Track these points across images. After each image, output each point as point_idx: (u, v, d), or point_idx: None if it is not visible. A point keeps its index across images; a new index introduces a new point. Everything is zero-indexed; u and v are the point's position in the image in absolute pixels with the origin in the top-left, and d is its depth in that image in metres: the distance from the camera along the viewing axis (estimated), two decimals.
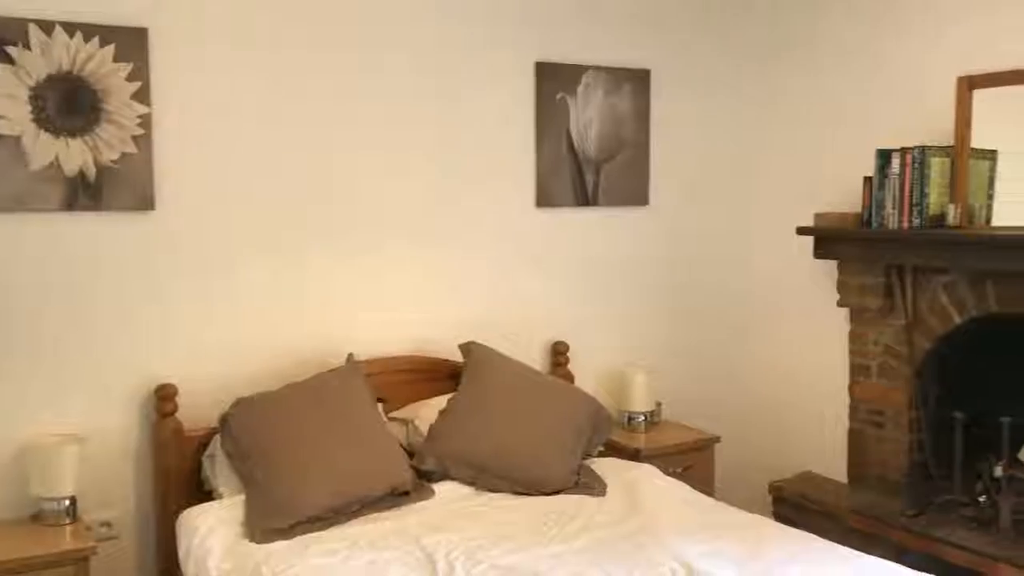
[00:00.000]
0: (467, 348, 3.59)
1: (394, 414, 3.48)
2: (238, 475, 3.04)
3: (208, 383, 3.27)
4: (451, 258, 3.78)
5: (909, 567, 2.63)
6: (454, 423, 3.35)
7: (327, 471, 2.99)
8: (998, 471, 3.55)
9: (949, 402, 3.66)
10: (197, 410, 3.22)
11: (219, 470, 3.10)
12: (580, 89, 3.95)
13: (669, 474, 3.48)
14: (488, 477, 3.25)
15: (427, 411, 3.46)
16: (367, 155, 3.57)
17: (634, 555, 2.66)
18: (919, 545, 3.39)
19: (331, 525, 2.89)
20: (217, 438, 3.14)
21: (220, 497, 3.05)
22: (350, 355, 3.41)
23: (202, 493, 3.14)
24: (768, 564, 2.59)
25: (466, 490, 3.22)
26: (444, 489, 3.20)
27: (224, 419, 3.10)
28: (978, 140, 3.48)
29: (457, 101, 3.72)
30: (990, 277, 3.43)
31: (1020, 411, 3.45)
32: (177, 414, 3.19)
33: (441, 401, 3.47)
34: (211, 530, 2.84)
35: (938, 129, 3.55)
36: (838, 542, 2.84)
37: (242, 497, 2.98)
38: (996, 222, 3.44)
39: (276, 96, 3.38)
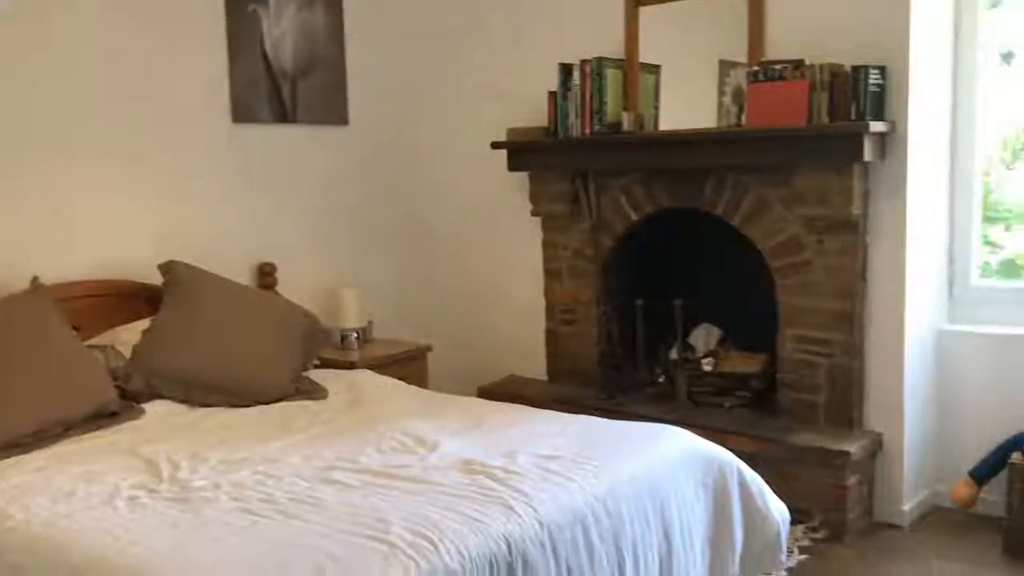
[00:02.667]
0: (168, 267, 3.41)
1: (90, 341, 3.23)
2: None
3: None
4: (145, 177, 3.57)
5: None
6: (160, 341, 3.18)
7: (17, 395, 2.74)
8: (673, 354, 4.02)
9: (632, 294, 4.06)
10: None
11: None
12: (272, 2, 3.86)
13: None
14: (202, 392, 3.14)
15: (128, 335, 3.26)
16: (44, 66, 3.25)
17: (364, 435, 2.72)
18: None
19: (32, 449, 2.65)
20: None
21: None
22: (34, 278, 3.11)
23: None
24: (490, 428, 2.75)
25: (179, 407, 3.09)
26: (155, 407, 3.05)
27: None
28: (645, 55, 3.87)
29: (143, 9, 3.49)
30: (660, 176, 3.84)
31: (691, 295, 3.92)
32: None
33: (143, 324, 3.28)
34: None
35: (612, 45, 3.89)
36: None
37: None
38: (663, 127, 3.85)
39: None
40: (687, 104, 3.80)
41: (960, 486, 3.43)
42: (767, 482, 2.73)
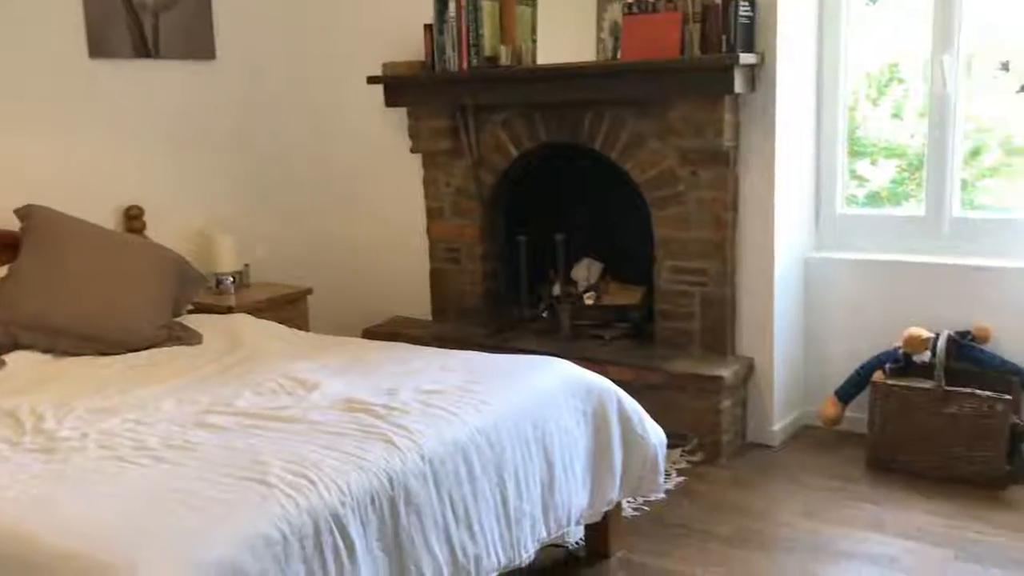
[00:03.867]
0: (25, 211, 3.23)
1: None
2: None
3: None
4: None
5: None
6: (19, 289, 3.02)
7: None
8: (556, 289, 4.06)
9: (515, 230, 4.07)
10: None
11: None
12: None
13: None
14: (67, 341, 3.00)
15: None
16: None
17: (241, 379, 2.66)
18: None
19: None
20: None
21: None
22: None
23: None
24: (372, 367, 2.73)
25: (43, 357, 2.95)
26: (17, 359, 2.90)
27: None
28: None
29: None
30: (540, 111, 3.83)
31: (574, 230, 3.96)
32: None
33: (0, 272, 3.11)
34: None
35: None
36: None
37: None
38: (540, 61, 3.82)
39: None
40: (567, 38, 3.77)
41: (827, 405, 3.61)
42: (646, 409, 2.80)
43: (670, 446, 3.32)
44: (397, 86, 4.03)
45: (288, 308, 3.94)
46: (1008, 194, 3.58)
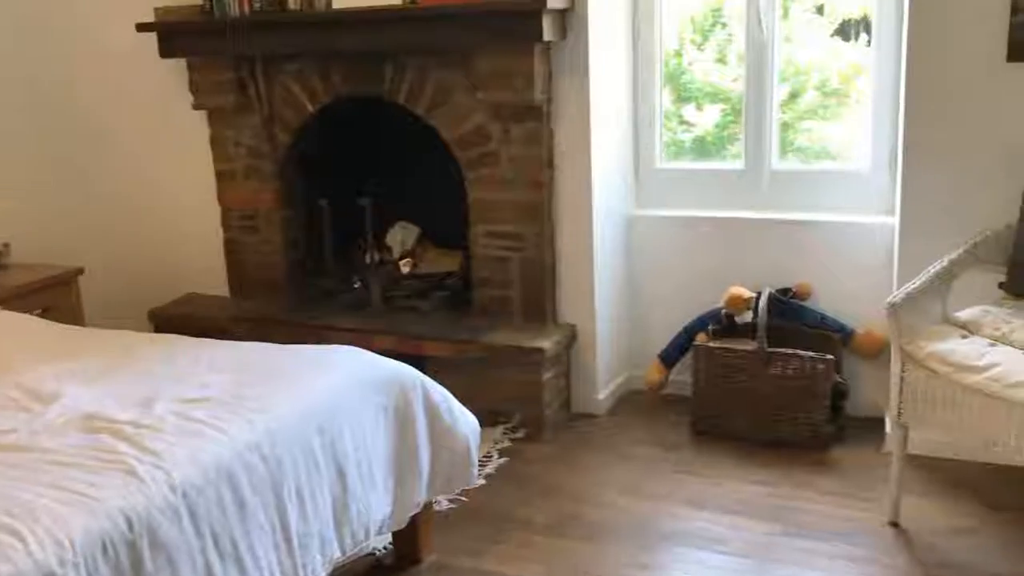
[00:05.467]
0: None
1: None
2: None
3: None
4: None
5: None
6: None
7: None
8: (369, 258, 3.72)
9: (316, 194, 3.69)
10: None
11: None
12: None
13: None
14: None
15: None
16: None
17: None
18: (306, 336, 3.39)
19: None
20: None
21: None
22: None
23: None
24: (132, 369, 2.32)
25: None
26: None
27: None
28: None
29: None
30: (336, 61, 3.44)
31: (388, 193, 3.61)
32: None
33: None
34: None
35: None
36: None
37: None
38: (337, 5, 3.41)
39: None
40: None
41: (651, 370, 3.46)
42: (465, 386, 2.56)
43: (492, 423, 3.11)
44: (172, 33, 3.55)
45: (55, 293, 3.44)
46: (825, 135, 3.48)
